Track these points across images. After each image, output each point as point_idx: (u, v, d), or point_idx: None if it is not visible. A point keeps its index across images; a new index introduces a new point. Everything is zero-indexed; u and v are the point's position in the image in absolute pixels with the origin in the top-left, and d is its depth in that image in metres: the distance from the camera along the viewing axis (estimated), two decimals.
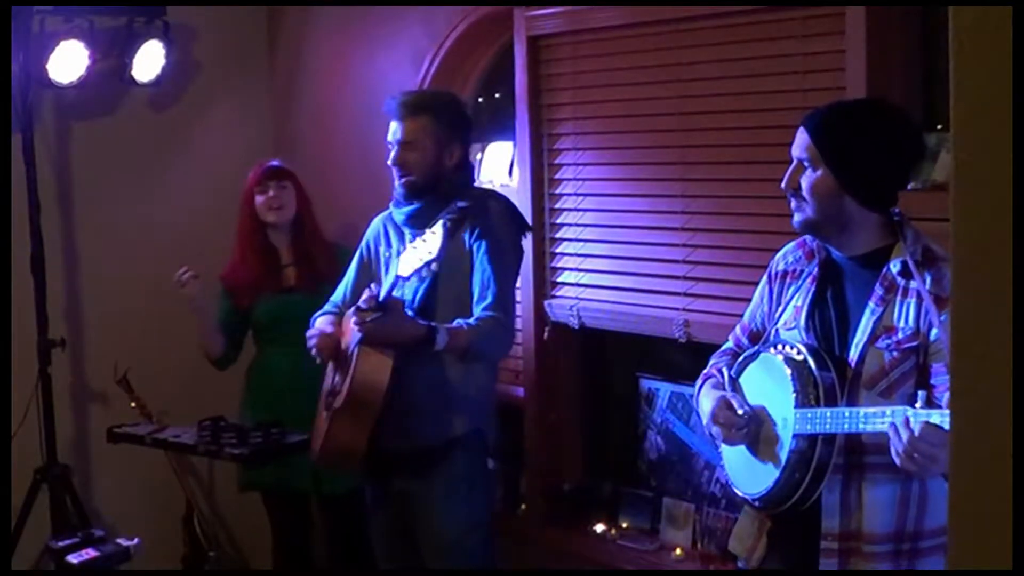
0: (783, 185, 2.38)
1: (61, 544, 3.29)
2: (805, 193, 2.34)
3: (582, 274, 3.74)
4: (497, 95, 4.18)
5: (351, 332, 3.07)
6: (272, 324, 3.85)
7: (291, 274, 3.85)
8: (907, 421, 2.10)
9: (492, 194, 3.35)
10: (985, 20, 1.05)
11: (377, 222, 3.37)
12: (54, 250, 4.15)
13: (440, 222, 2.81)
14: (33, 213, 3.98)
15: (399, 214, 3.23)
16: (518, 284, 3.48)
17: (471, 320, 3.05)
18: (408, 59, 4.13)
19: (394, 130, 3.19)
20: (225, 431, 3.43)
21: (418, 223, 3.09)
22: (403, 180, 3.18)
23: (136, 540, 3.33)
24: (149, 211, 4.48)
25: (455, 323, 3.04)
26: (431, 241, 2.80)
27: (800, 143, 2.36)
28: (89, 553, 3.24)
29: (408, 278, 2.92)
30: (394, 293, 2.99)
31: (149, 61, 4.12)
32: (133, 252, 4.43)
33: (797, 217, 2.39)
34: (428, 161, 3.15)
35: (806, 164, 2.34)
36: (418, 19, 4.08)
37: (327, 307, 3.36)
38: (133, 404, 4.13)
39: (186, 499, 4.23)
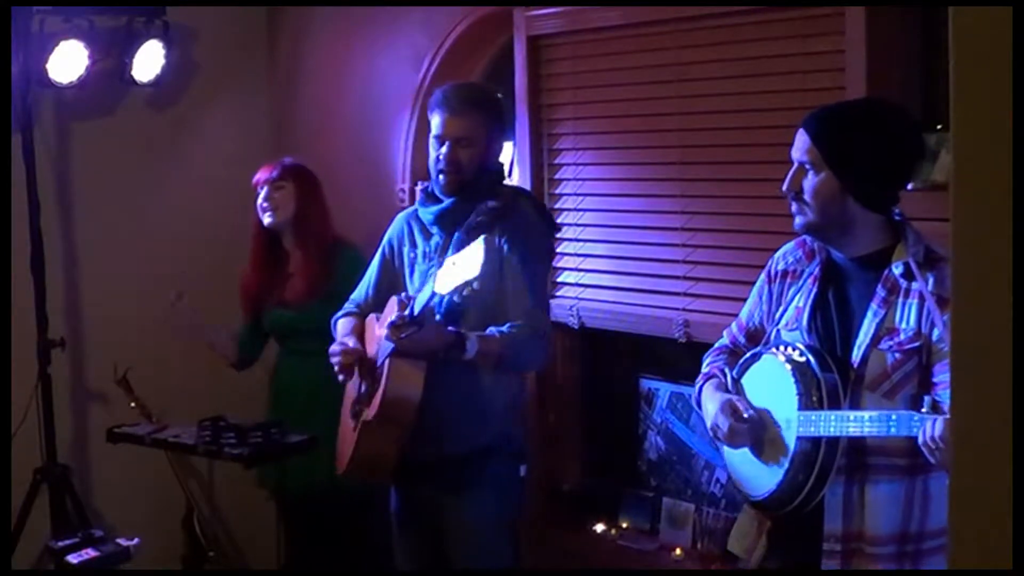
0: (784, 188, 2.37)
1: (61, 544, 3.29)
2: (807, 196, 2.33)
3: (582, 274, 3.75)
4: (497, 95, 4.18)
5: (379, 341, 2.99)
6: (274, 335, 3.87)
7: (292, 285, 3.77)
8: (935, 422, 2.09)
9: (521, 192, 3.23)
10: (985, 20, 1.05)
11: (401, 220, 3.25)
12: (54, 250, 4.15)
13: (481, 239, 2.66)
14: (33, 213, 3.98)
15: (427, 213, 3.11)
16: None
17: (503, 328, 2.95)
18: (408, 59, 4.13)
19: (443, 124, 3.03)
20: (225, 431, 3.42)
21: (447, 222, 3.04)
22: (448, 178, 3.04)
23: (136, 540, 3.33)
24: (149, 211, 4.47)
25: (488, 331, 2.94)
26: (472, 259, 2.63)
27: (801, 145, 2.34)
28: (89, 553, 3.23)
29: (446, 296, 2.79)
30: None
31: (149, 61, 4.12)
32: (133, 252, 4.42)
33: (799, 220, 2.37)
34: (480, 160, 3.04)
35: (807, 167, 2.33)
36: (418, 19, 4.08)
37: (347, 306, 3.28)
38: (133, 404, 4.13)
39: (186, 499, 4.23)
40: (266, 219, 3.75)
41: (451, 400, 3.01)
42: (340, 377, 3.12)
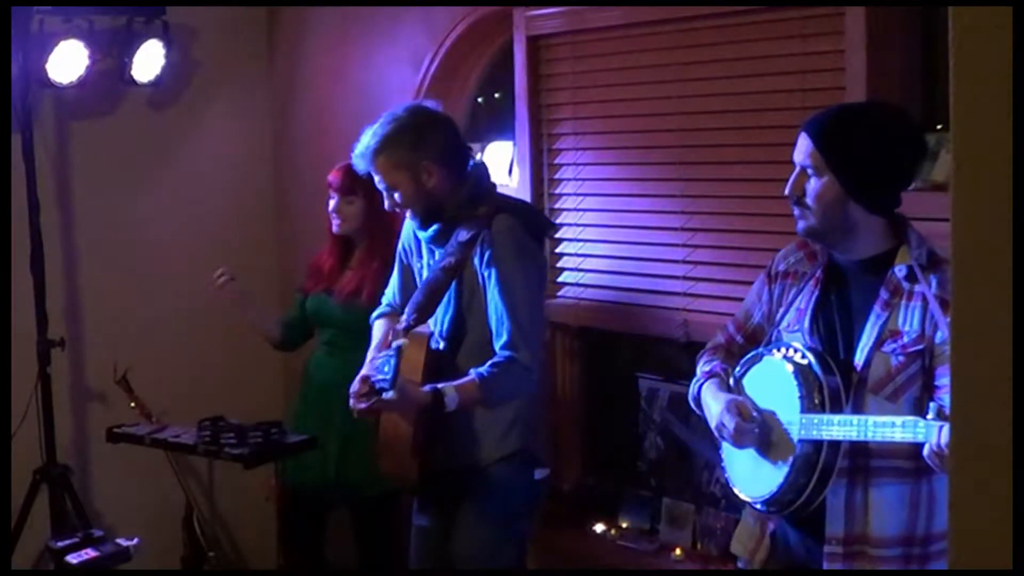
0: (786, 192, 2.35)
1: (61, 544, 3.28)
2: (810, 200, 2.32)
3: (582, 274, 3.75)
4: (497, 95, 4.18)
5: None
6: (313, 320, 3.87)
7: (344, 278, 3.78)
8: (940, 432, 2.08)
9: (502, 206, 3.06)
10: (985, 20, 1.05)
11: (409, 228, 3.24)
12: (54, 250, 4.15)
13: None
14: (33, 213, 3.98)
15: (422, 234, 3.12)
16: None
17: (483, 368, 2.92)
18: (408, 59, 4.13)
19: (375, 178, 3.06)
20: (225, 431, 3.42)
21: (440, 242, 3.06)
22: (413, 217, 3.07)
23: (136, 540, 3.33)
24: (149, 211, 4.48)
25: (468, 376, 2.91)
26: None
27: (803, 149, 2.33)
28: (89, 553, 3.23)
29: (446, 322, 2.90)
30: (420, 328, 2.97)
31: (149, 61, 4.12)
32: (133, 252, 4.42)
33: (801, 225, 2.36)
34: (413, 193, 3.01)
35: (809, 171, 2.31)
36: (418, 19, 4.08)
37: (383, 308, 3.30)
38: (133, 404, 4.13)
39: (186, 499, 4.24)
40: (334, 225, 3.76)
41: (462, 418, 3.01)
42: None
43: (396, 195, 3.02)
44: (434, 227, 3.06)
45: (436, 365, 3.03)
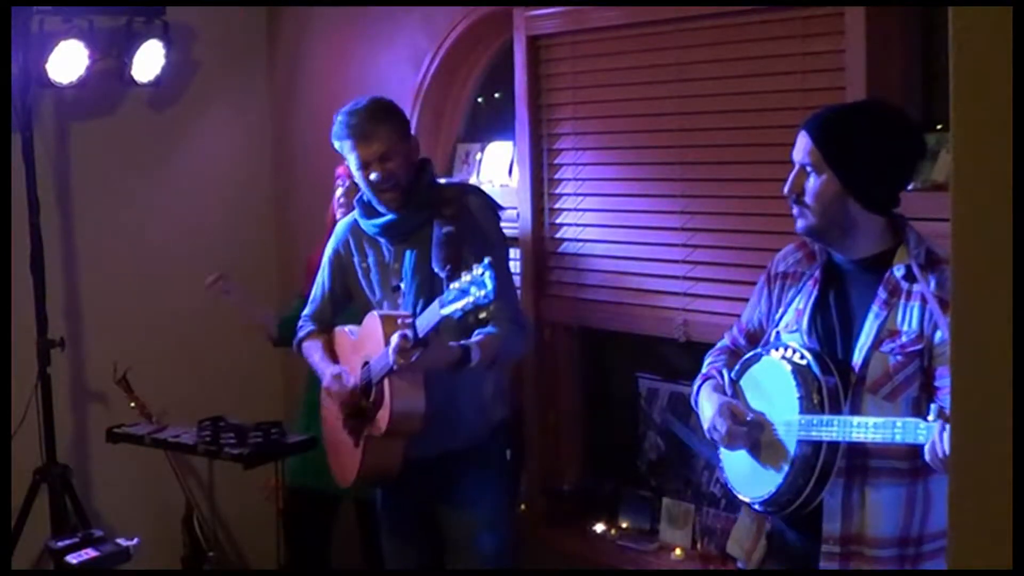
0: (785, 191, 2.36)
1: (61, 544, 3.28)
2: (809, 199, 2.32)
3: (582, 273, 3.74)
4: (497, 95, 4.18)
5: (373, 359, 3.02)
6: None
7: None
8: (941, 431, 2.08)
9: (465, 190, 3.22)
10: (985, 20, 1.05)
11: (343, 230, 3.27)
12: (54, 250, 4.15)
13: (485, 265, 2.64)
14: (33, 213, 3.98)
15: (370, 225, 3.14)
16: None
17: (492, 329, 2.99)
18: (408, 59, 4.13)
19: (363, 149, 3.04)
20: (225, 431, 3.43)
21: (393, 233, 3.10)
22: (390, 195, 3.07)
23: (136, 540, 3.33)
24: (149, 211, 4.48)
25: (479, 334, 2.98)
26: (481, 285, 2.64)
27: (802, 147, 2.33)
28: (89, 553, 3.23)
29: (456, 316, 2.80)
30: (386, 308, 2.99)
31: (149, 61, 4.12)
32: (133, 252, 4.43)
33: (800, 223, 2.36)
34: (404, 165, 3.07)
35: (809, 169, 2.32)
36: (418, 19, 4.08)
37: (305, 325, 3.31)
38: (133, 404, 4.13)
39: (186, 499, 4.24)
40: (340, 215, 3.75)
41: (445, 400, 3.04)
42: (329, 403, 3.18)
43: (390, 164, 3.05)
44: (392, 216, 3.08)
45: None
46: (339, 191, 3.70)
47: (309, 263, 3.91)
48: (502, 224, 3.23)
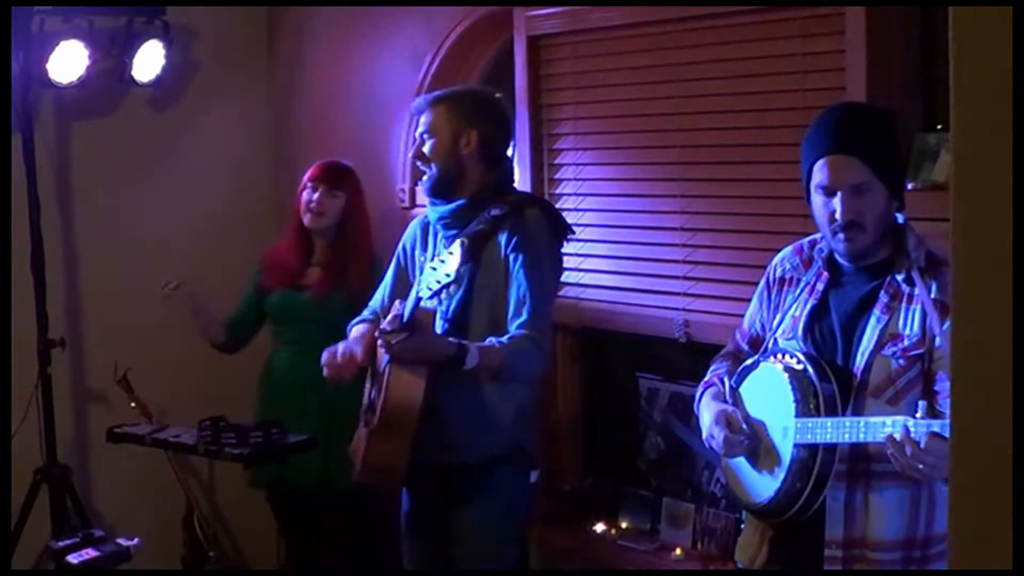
0: (843, 220, 2.27)
1: (61, 544, 3.28)
2: (869, 218, 2.28)
3: (582, 274, 3.74)
4: (497, 95, 4.18)
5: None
6: (278, 318, 3.87)
7: (312, 274, 3.81)
8: (908, 432, 2.09)
9: (531, 199, 3.18)
10: (985, 20, 1.05)
11: (415, 225, 3.25)
12: (54, 250, 4.15)
13: (458, 242, 2.72)
14: (33, 213, 3.98)
15: (432, 213, 3.12)
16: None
17: (503, 338, 2.93)
18: (408, 59, 4.13)
19: (415, 123, 3.10)
20: (225, 431, 3.42)
21: (450, 224, 3.05)
22: (425, 174, 3.08)
23: (136, 540, 3.33)
24: (149, 211, 4.48)
25: (487, 341, 2.92)
26: (449, 262, 2.71)
27: (849, 170, 2.26)
28: (89, 553, 3.23)
29: (431, 298, 2.84)
30: (428, 304, 2.92)
31: (149, 61, 4.12)
32: (133, 252, 4.42)
33: (851, 246, 2.31)
34: (444, 151, 3.03)
35: (863, 188, 2.27)
36: (418, 19, 4.08)
37: (365, 313, 3.27)
38: (133, 404, 4.13)
39: (186, 499, 4.24)
40: (307, 218, 3.77)
41: (459, 408, 3.01)
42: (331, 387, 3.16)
43: (429, 143, 3.06)
44: (449, 206, 3.05)
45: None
46: (311, 195, 3.76)
47: (269, 260, 3.91)
48: (559, 245, 3.13)
